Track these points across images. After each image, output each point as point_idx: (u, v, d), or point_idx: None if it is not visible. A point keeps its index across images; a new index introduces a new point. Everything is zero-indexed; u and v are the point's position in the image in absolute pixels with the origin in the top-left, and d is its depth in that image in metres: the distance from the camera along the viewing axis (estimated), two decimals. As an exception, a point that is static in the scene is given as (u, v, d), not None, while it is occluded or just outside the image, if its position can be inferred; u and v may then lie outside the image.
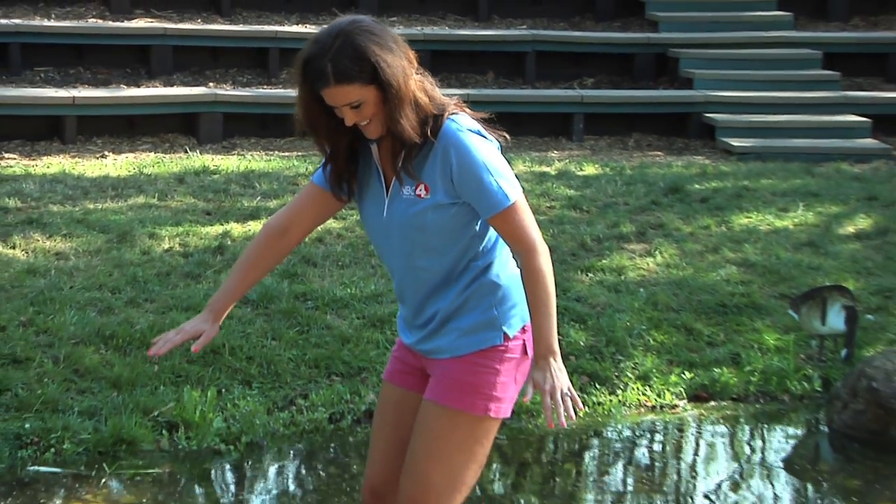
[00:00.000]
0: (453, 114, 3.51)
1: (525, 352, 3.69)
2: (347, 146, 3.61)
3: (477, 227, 3.57)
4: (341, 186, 3.67)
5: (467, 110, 3.59)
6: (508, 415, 3.73)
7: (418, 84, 3.46)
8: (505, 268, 3.66)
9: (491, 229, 3.58)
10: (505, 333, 3.58)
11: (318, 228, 8.79)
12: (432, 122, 3.48)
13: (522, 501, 6.64)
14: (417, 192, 3.53)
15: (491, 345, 3.56)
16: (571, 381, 5.18)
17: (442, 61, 13.53)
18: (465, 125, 3.51)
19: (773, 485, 6.79)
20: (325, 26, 3.56)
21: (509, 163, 8.03)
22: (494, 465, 6.61)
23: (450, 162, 3.46)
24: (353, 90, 3.35)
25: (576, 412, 3.49)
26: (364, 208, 3.76)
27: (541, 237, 3.55)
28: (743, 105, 13.67)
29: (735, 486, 6.68)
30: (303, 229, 3.89)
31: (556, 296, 5.85)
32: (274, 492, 6.60)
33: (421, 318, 3.71)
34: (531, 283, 3.47)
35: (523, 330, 3.65)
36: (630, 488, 6.79)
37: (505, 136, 3.66)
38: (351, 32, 3.39)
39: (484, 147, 3.50)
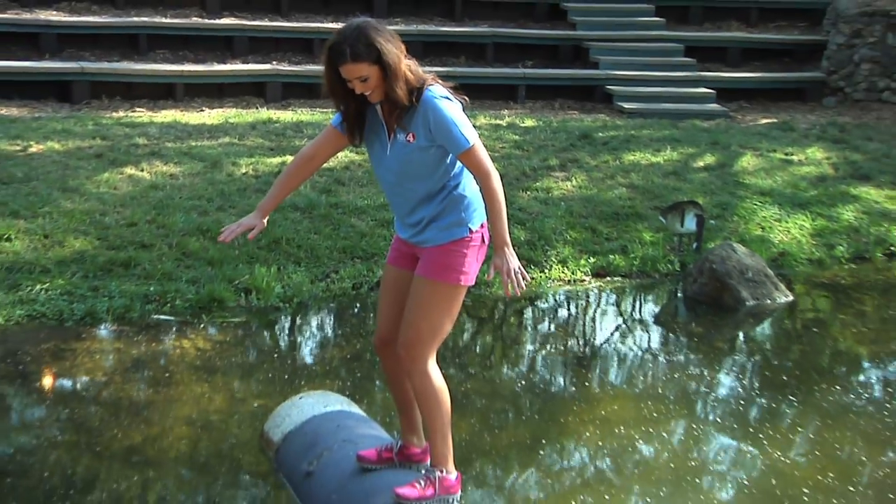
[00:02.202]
0: (430, 85, 3.96)
1: (483, 241, 4.12)
2: (356, 108, 4.01)
3: (448, 161, 4.01)
4: (353, 133, 4.10)
5: (440, 82, 4.03)
6: (472, 283, 4.17)
7: (407, 66, 3.89)
8: (468, 186, 4.08)
9: (457, 162, 4.02)
10: (469, 228, 4.03)
11: (345, 159, 10.09)
12: (416, 91, 3.91)
13: (482, 341, 7.53)
14: (408, 138, 3.96)
15: (460, 237, 4.02)
16: None
17: (430, 48, 15.12)
18: (438, 93, 3.95)
19: (646, 329, 7.86)
20: (345, 23, 3.98)
21: (473, 117, 9.40)
22: (463, 318, 7.41)
23: (427, 118, 3.91)
24: (363, 67, 3.81)
25: (526, 284, 4.00)
26: (372, 149, 4.16)
27: (493, 166, 3.98)
28: (631, 80, 15.53)
29: (622, 330, 7.74)
30: (323, 157, 4.34)
31: (506, 207, 7.06)
32: (316, 335, 7.48)
33: (412, 220, 4.11)
34: (489, 198, 3.92)
35: (481, 226, 4.09)
36: (553, 332, 7.70)
37: (466, 98, 4.09)
38: (363, 27, 3.84)
39: (450, 107, 3.93)
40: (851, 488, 5.13)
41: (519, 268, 3.82)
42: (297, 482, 4.64)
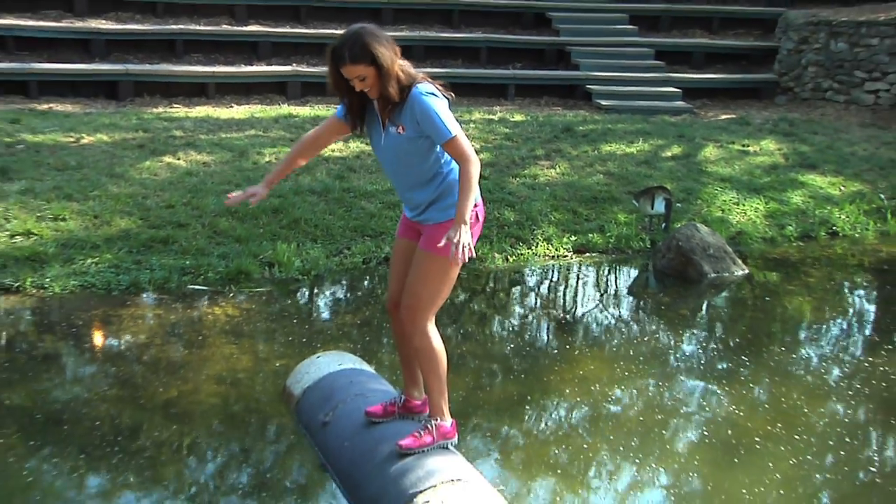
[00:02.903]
0: (419, 83, 3.89)
1: (477, 218, 4.03)
2: (358, 102, 3.98)
3: (437, 151, 3.94)
4: (354, 123, 4.08)
5: (429, 80, 3.94)
6: (471, 255, 3.91)
7: (400, 66, 3.84)
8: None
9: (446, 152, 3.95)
10: None
11: (356, 149, 10.08)
12: (407, 88, 3.85)
13: (477, 305, 7.50)
14: (398, 130, 3.91)
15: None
16: (505, 243, 7.33)
17: (430, 52, 15.09)
18: (425, 90, 3.87)
19: (620, 299, 7.88)
20: (346, 29, 3.92)
21: (469, 112, 9.37)
22: (458, 289, 7.40)
23: (414, 111, 3.84)
24: (360, 68, 3.77)
25: (469, 258, 3.78)
26: (372, 139, 4.13)
27: (474, 156, 3.84)
28: (608, 80, 15.45)
29: (599, 300, 7.72)
30: (325, 142, 4.41)
31: (497, 190, 6.94)
32: (331, 303, 7.45)
33: (414, 203, 4.08)
34: (463, 180, 3.81)
35: (477, 206, 3.99)
36: (538, 301, 7.70)
37: (452, 95, 4.00)
38: (360, 33, 3.79)
39: (435, 101, 3.84)
40: (796, 437, 5.16)
41: (468, 242, 3.68)
42: (315, 431, 4.66)
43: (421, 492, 3.79)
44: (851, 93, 15.62)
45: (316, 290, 7.49)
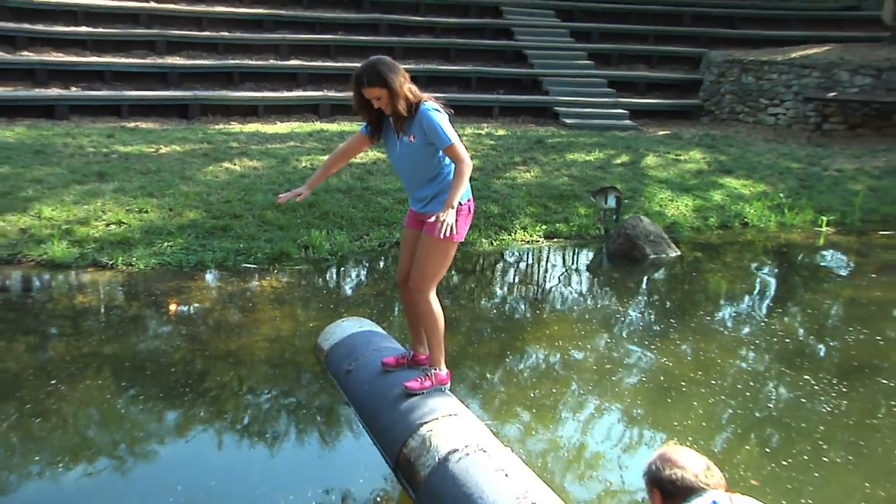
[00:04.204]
0: (426, 101, 3.84)
1: (469, 210, 3.99)
2: (376, 117, 3.94)
3: (439, 155, 3.87)
4: (376, 136, 4.05)
5: (433, 99, 3.89)
6: (462, 240, 4.05)
7: (409, 88, 3.79)
8: None
9: (446, 157, 3.88)
10: (460, 203, 3.86)
11: (373, 157, 10.05)
12: (415, 105, 3.81)
13: (468, 282, 7.39)
14: (409, 139, 3.86)
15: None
16: (490, 230, 7.27)
17: (432, 81, 15.09)
18: (430, 107, 3.82)
19: (580, 274, 7.80)
20: (366, 60, 3.86)
21: (462, 128, 9.32)
22: (453, 267, 7.21)
23: (422, 124, 3.79)
24: (375, 90, 3.76)
25: (449, 235, 3.66)
26: (387, 147, 4.07)
27: (468, 159, 3.77)
28: (571, 104, 15.53)
29: (564, 275, 7.68)
30: (354, 152, 4.30)
31: (485, 189, 6.89)
32: (353, 278, 7.37)
33: (419, 197, 4.02)
34: (457, 175, 3.73)
35: (468, 201, 3.97)
36: (516, 276, 7.67)
37: (452, 111, 3.93)
38: (375, 63, 3.78)
39: (438, 116, 3.80)
40: (712, 381, 5.19)
41: (451, 223, 3.57)
42: (341, 377, 4.67)
43: (426, 423, 3.83)
44: (757, 115, 15.87)
45: (341, 268, 7.47)
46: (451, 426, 3.80)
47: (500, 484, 3.28)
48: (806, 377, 5.27)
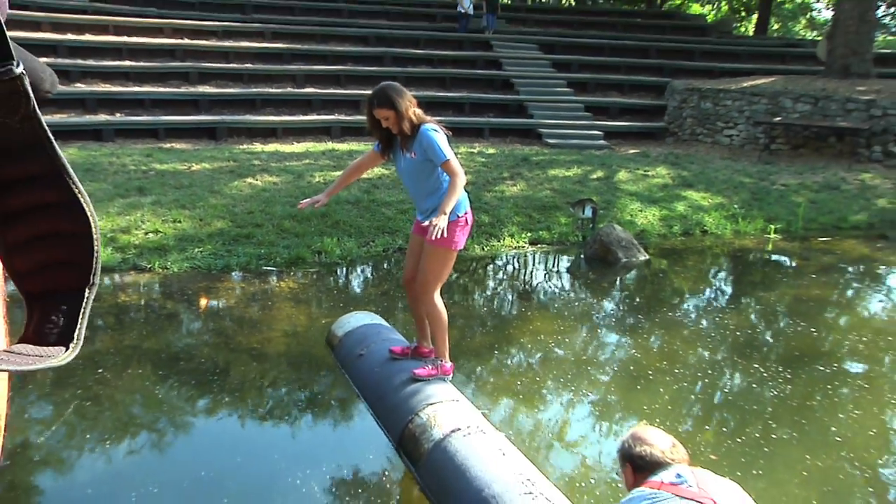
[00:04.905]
0: (427, 122, 3.78)
1: (467, 222, 3.87)
2: (386, 136, 3.88)
3: (438, 171, 3.80)
4: (386, 153, 3.98)
5: (435, 122, 3.82)
6: (461, 247, 3.94)
7: (413, 112, 3.74)
8: None
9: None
10: (458, 215, 3.80)
11: (378, 172, 10.05)
12: (418, 126, 3.75)
13: (463, 282, 7.33)
14: (412, 155, 3.79)
15: (453, 219, 3.77)
16: (482, 238, 7.24)
17: (431, 106, 14.62)
18: (430, 127, 3.75)
19: (561, 276, 7.76)
20: (379, 85, 3.85)
21: (457, 147, 9.13)
22: (455, 271, 7.70)
23: (422, 142, 3.73)
24: (384, 111, 3.72)
25: (441, 237, 3.62)
26: (395, 162, 3.99)
27: (462, 173, 3.71)
28: (553, 126, 15.53)
29: (546, 277, 7.65)
30: (366, 167, 4.21)
31: (476, 201, 6.80)
32: (361, 279, 7.32)
33: (423, 208, 3.95)
34: (451, 186, 3.66)
35: (466, 213, 3.85)
36: (506, 275, 7.65)
37: (450, 132, 3.86)
38: (385, 88, 3.77)
39: (437, 135, 3.72)
40: (676, 370, 5.18)
41: (443, 227, 3.50)
42: (352, 361, 4.62)
43: (431, 404, 3.81)
44: (715, 136, 15.92)
45: (350, 271, 7.45)
46: (453, 409, 3.79)
47: (499, 461, 3.27)
48: (756, 366, 5.28)
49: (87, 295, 0.61)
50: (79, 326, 0.60)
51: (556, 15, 24.66)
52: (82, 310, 0.60)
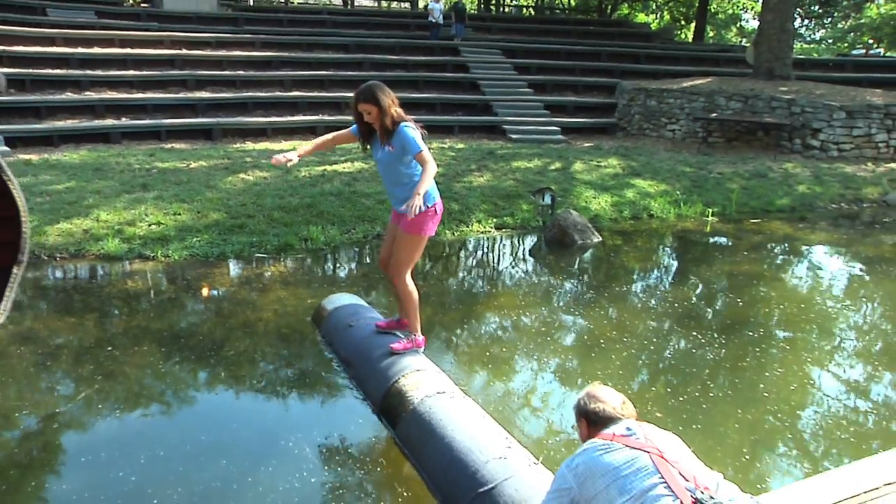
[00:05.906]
0: (405, 120, 3.70)
1: (436, 211, 3.82)
2: (367, 128, 3.80)
3: (413, 164, 3.73)
4: (365, 144, 3.91)
5: (412, 120, 3.74)
6: (432, 234, 3.88)
7: (395, 110, 3.68)
8: None
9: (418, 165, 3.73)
10: (428, 205, 3.75)
11: (358, 166, 9.87)
12: (397, 123, 3.68)
13: (435, 265, 7.25)
14: (390, 149, 3.70)
15: (424, 209, 3.73)
16: (452, 224, 7.05)
17: (405, 106, 14.31)
18: (407, 124, 3.68)
19: (524, 257, 7.62)
20: (366, 83, 3.77)
21: (430, 142, 9.20)
22: (425, 254, 7.31)
23: (400, 137, 3.65)
24: (368, 106, 3.65)
25: (415, 215, 3.64)
26: (375, 154, 3.86)
27: (433, 161, 3.62)
28: (516, 122, 15.40)
29: (510, 258, 7.52)
30: (339, 141, 4.08)
31: (447, 191, 6.72)
32: (343, 263, 7.13)
33: (397, 198, 3.85)
34: (423, 172, 3.55)
35: (435, 203, 3.79)
36: (474, 259, 7.52)
37: (425, 129, 3.81)
38: (371, 86, 3.70)
39: (412, 131, 3.65)
40: (625, 339, 5.19)
41: (418, 206, 3.44)
42: (342, 330, 4.57)
43: (418, 370, 3.83)
44: (659, 131, 15.97)
45: (334, 256, 7.36)
46: (438, 376, 3.81)
47: (482, 419, 3.33)
48: (694, 333, 5.31)
49: (15, 271, 0.59)
50: (6, 297, 0.58)
51: (517, 23, 24.62)
52: (10, 283, 0.59)
